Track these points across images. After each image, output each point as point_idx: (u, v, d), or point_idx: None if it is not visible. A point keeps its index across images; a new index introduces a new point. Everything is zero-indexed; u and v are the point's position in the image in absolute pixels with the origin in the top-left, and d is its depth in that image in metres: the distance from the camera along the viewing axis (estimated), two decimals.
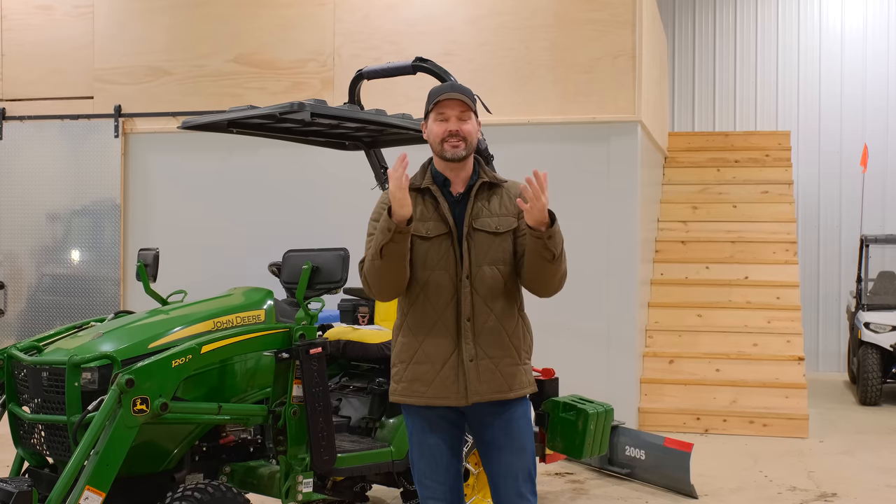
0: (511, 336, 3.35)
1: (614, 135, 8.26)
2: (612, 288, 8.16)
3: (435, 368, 3.30)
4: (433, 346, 3.30)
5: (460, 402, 3.29)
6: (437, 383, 3.30)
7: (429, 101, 3.38)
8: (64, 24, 9.44)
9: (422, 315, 3.32)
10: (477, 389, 3.29)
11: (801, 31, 13.59)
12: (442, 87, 3.42)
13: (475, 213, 3.34)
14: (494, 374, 3.31)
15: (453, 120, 3.32)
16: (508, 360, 3.34)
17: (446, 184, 3.38)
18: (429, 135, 3.38)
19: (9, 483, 3.76)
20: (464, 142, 3.32)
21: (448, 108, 3.32)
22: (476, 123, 3.37)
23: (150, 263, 5.02)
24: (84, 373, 3.99)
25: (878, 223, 13.01)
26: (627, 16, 8.25)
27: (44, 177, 9.38)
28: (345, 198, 8.50)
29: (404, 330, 3.38)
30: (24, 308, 9.41)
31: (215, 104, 8.79)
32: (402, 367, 3.37)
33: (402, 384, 3.37)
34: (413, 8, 8.70)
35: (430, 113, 3.37)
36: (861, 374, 10.00)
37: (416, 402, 3.34)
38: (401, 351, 3.39)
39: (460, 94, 3.33)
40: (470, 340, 3.29)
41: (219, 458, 4.53)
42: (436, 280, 3.30)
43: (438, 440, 3.38)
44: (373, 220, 3.39)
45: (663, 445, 6.28)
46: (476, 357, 3.29)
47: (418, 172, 3.44)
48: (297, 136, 5.69)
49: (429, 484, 3.39)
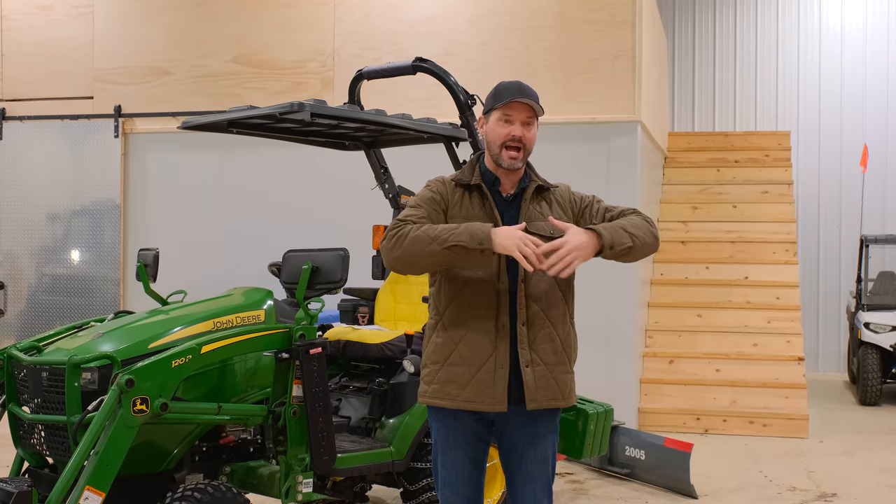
0: (563, 343, 3.27)
1: (614, 135, 8.26)
2: (612, 288, 8.16)
3: (471, 371, 3.15)
4: (470, 347, 3.16)
5: (496, 408, 3.15)
6: (471, 387, 3.15)
7: (496, 98, 3.20)
8: (64, 24, 9.44)
9: (459, 315, 3.18)
10: (535, 396, 3.17)
11: (801, 31, 13.59)
12: (510, 86, 3.21)
13: (530, 216, 3.21)
14: (550, 381, 3.20)
15: (518, 125, 3.18)
16: (562, 367, 3.25)
17: (495, 183, 3.26)
18: (488, 133, 3.23)
19: (9, 483, 3.76)
20: (523, 152, 3.19)
21: (516, 112, 3.17)
22: (537, 129, 3.24)
23: (150, 263, 5.02)
24: (84, 373, 4.00)
25: (878, 223, 13.01)
26: (627, 16, 8.25)
27: (44, 177, 9.38)
28: (345, 198, 8.50)
29: (439, 329, 3.23)
30: (24, 308, 9.41)
31: (215, 104, 8.79)
32: (436, 368, 3.22)
33: (434, 386, 3.22)
34: (413, 8, 8.70)
35: (493, 110, 3.20)
36: (861, 374, 10.00)
37: (448, 406, 3.20)
38: (434, 351, 3.24)
39: (531, 100, 3.17)
40: (526, 346, 3.16)
41: (219, 458, 4.53)
42: (478, 281, 3.17)
43: (462, 453, 3.27)
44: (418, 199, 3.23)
45: (663, 445, 6.28)
46: (532, 363, 3.17)
47: (466, 167, 3.30)
48: (297, 136, 5.69)
49: (448, 495, 3.31)
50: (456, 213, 3.19)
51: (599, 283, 8.16)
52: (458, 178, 3.26)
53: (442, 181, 3.29)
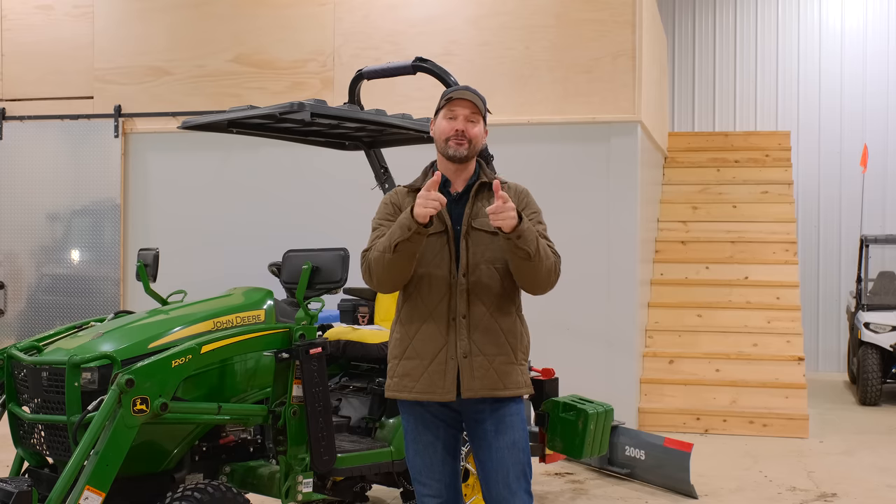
0: (507, 334, 3.36)
1: (614, 135, 8.26)
2: (612, 288, 8.16)
3: (423, 364, 3.32)
4: (423, 341, 3.33)
5: (446, 398, 3.31)
6: (424, 379, 3.32)
7: (441, 98, 3.43)
8: (64, 24, 9.44)
9: (413, 310, 3.36)
10: (470, 386, 3.29)
11: (801, 31, 13.60)
12: (457, 86, 3.50)
13: (474, 213, 3.36)
14: (489, 371, 3.31)
15: (461, 119, 3.37)
16: (503, 357, 3.34)
17: (446, 184, 3.42)
18: (435, 130, 3.43)
19: (9, 483, 3.75)
20: (468, 143, 3.36)
21: (459, 108, 3.38)
22: (483, 129, 3.42)
23: (150, 263, 5.02)
24: (84, 373, 3.99)
25: (878, 223, 13.01)
26: (627, 16, 8.26)
27: (44, 177, 9.38)
28: (345, 198, 8.50)
29: (397, 325, 3.43)
30: (24, 308, 9.42)
31: (215, 104, 8.79)
32: (395, 362, 3.42)
33: (395, 379, 3.41)
34: (413, 8, 8.71)
35: (440, 110, 3.42)
36: (861, 374, 10.00)
37: (406, 398, 3.37)
38: (394, 346, 3.43)
39: (472, 96, 3.39)
40: (465, 337, 3.30)
41: (219, 458, 4.52)
42: (429, 277, 3.33)
43: (433, 437, 3.40)
44: (378, 219, 3.44)
45: (663, 445, 6.28)
46: (470, 353, 3.30)
47: (420, 175, 3.51)
48: (296, 136, 5.69)
49: (425, 482, 3.40)
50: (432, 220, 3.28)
51: (599, 284, 8.18)
52: (411, 185, 3.48)
53: (395, 191, 3.51)
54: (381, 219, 3.43)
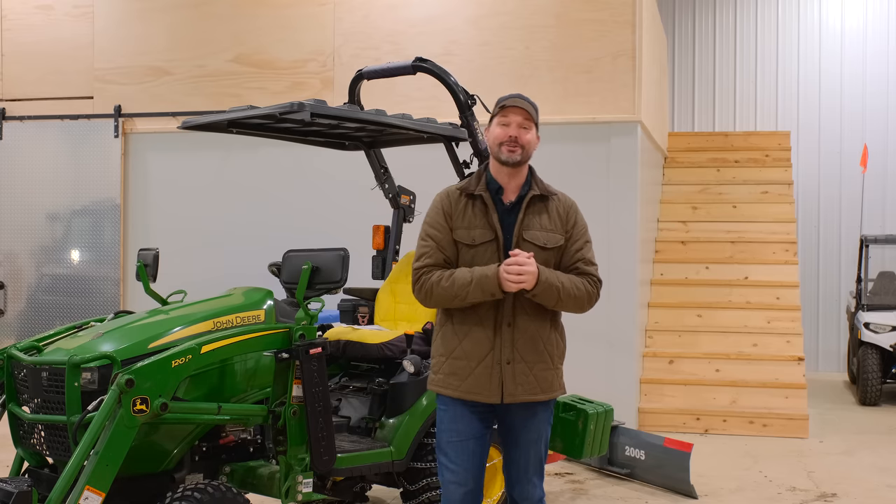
0: (546, 342, 3.56)
1: (614, 135, 8.26)
2: (612, 288, 8.14)
3: (471, 365, 3.51)
4: (472, 344, 3.51)
5: (491, 399, 3.51)
6: (470, 380, 3.51)
7: (495, 105, 3.60)
8: (64, 24, 9.44)
9: (465, 315, 3.52)
10: (512, 391, 3.50)
11: (801, 31, 13.60)
12: (510, 95, 3.64)
13: (526, 225, 3.54)
14: (528, 377, 3.52)
15: (514, 126, 3.53)
16: (542, 364, 3.55)
17: (499, 192, 3.57)
18: (489, 136, 3.59)
19: (9, 483, 3.76)
20: (520, 148, 3.52)
21: (512, 114, 3.55)
22: (535, 135, 3.58)
23: (150, 263, 5.02)
24: (84, 373, 3.99)
25: (878, 223, 13.01)
26: (627, 16, 8.26)
27: (44, 177, 9.38)
28: (344, 198, 8.50)
29: (447, 325, 3.59)
30: (24, 308, 9.42)
31: (215, 104, 8.79)
32: (442, 359, 3.59)
33: (440, 375, 3.60)
34: (413, 8, 8.71)
35: (494, 117, 3.58)
36: (861, 375, 10.00)
37: (451, 395, 3.55)
38: (441, 344, 3.61)
39: (525, 104, 3.57)
40: (508, 344, 3.50)
41: (219, 458, 4.52)
42: None
43: (467, 430, 3.56)
44: (429, 225, 3.57)
45: (663, 445, 6.28)
46: (513, 360, 3.50)
47: (473, 177, 3.63)
48: (296, 136, 5.69)
49: (453, 468, 3.57)
50: (459, 224, 3.53)
51: None
52: (464, 188, 3.60)
53: (446, 194, 3.62)
54: (433, 227, 3.55)
